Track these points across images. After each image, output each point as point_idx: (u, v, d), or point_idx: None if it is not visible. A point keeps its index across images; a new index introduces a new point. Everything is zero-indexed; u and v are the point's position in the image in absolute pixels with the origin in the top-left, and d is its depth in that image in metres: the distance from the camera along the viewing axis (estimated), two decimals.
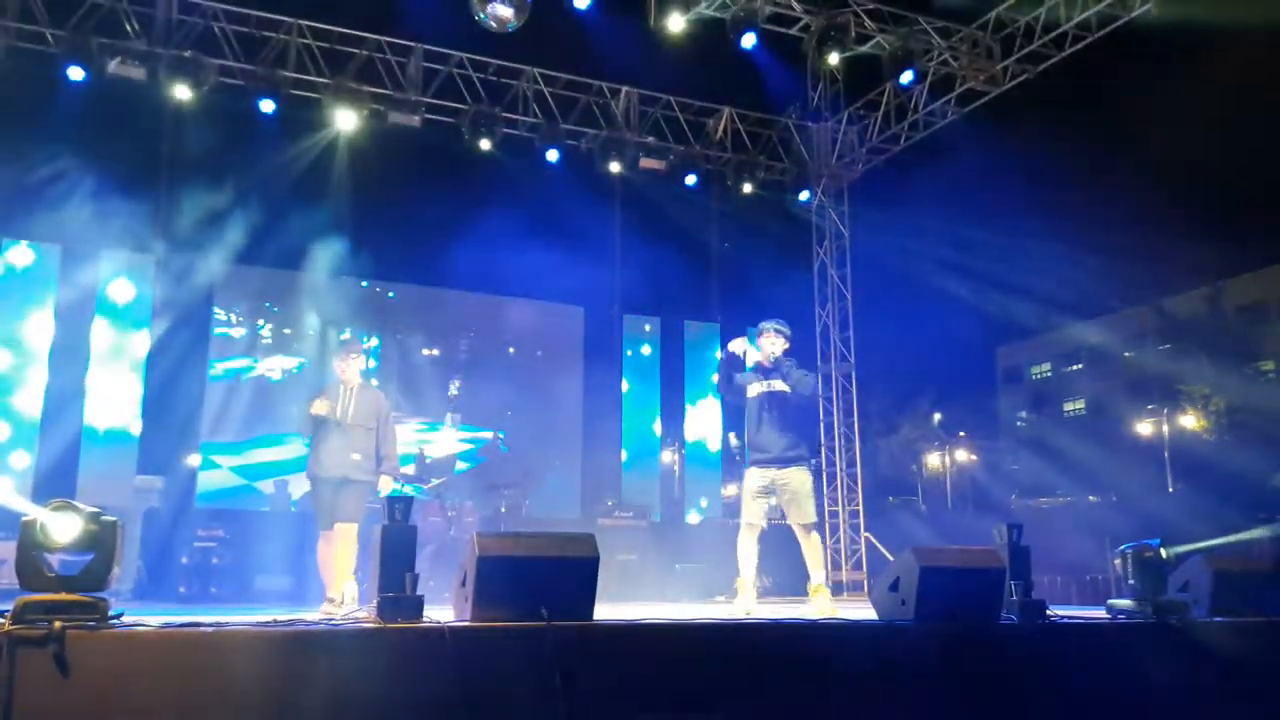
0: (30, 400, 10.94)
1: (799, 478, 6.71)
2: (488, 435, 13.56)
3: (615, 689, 4.06)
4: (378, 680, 3.77)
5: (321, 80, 11.20)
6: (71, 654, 3.41)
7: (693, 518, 14.23)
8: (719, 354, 7.06)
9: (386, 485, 6.88)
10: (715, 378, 7.11)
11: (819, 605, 6.58)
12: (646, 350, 14.57)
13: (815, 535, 6.90)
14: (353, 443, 6.77)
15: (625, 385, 14.26)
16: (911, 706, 4.52)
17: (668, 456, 17.45)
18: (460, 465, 13.07)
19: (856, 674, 4.51)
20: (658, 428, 14.52)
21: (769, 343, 6.80)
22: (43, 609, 3.50)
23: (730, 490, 17.37)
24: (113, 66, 10.33)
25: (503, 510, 10.68)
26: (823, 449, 13.99)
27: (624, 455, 13.97)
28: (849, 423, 13.88)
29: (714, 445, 14.69)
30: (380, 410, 6.96)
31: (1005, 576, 5.17)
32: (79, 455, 11.00)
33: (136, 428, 11.34)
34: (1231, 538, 6.03)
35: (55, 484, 10.18)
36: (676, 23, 10.97)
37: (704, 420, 14.59)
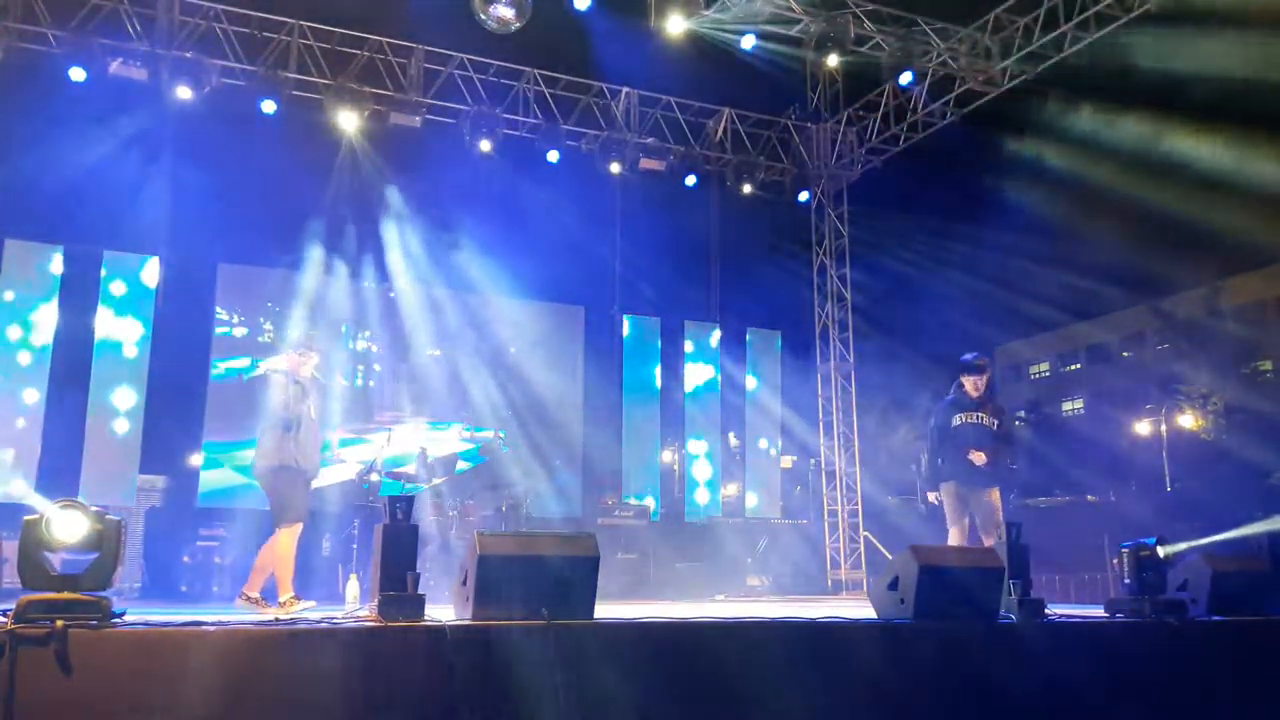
0: (32, 400, 10.95)
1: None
2: (489, 434, 13.57)
3: (615, 688, 4.08)
4: (379, 679, 3.79)
5: (323, 81, 11.22)
6: (73, 653, 3.43)
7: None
8: None
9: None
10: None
11: None
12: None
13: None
14: (317, 439, 6.87)
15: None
16: (910, 705, 4.54)
17: (668, 456, 17.45)
18: (462, 465, 13.10)
19: (856, 672, 4.53)
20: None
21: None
22: (45, 608, 3.52)
23: (730, 490, 17.38)
24: (114, 67, 10.35)
25: (503, 510, 10.70)
26: (822, 449, 14.02)
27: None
28: (848, 422, 13.90)
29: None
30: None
31: (1004, 575, 5.19)
32: (81, 454, 11.02)
33: (139, 427, 11.35)
34: (1227, 534, 6.07)
35: (57, 483, 10.19)
36: (676, 25, 11.00)
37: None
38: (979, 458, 7.45)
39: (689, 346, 14.87)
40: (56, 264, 11.35)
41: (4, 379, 10.93)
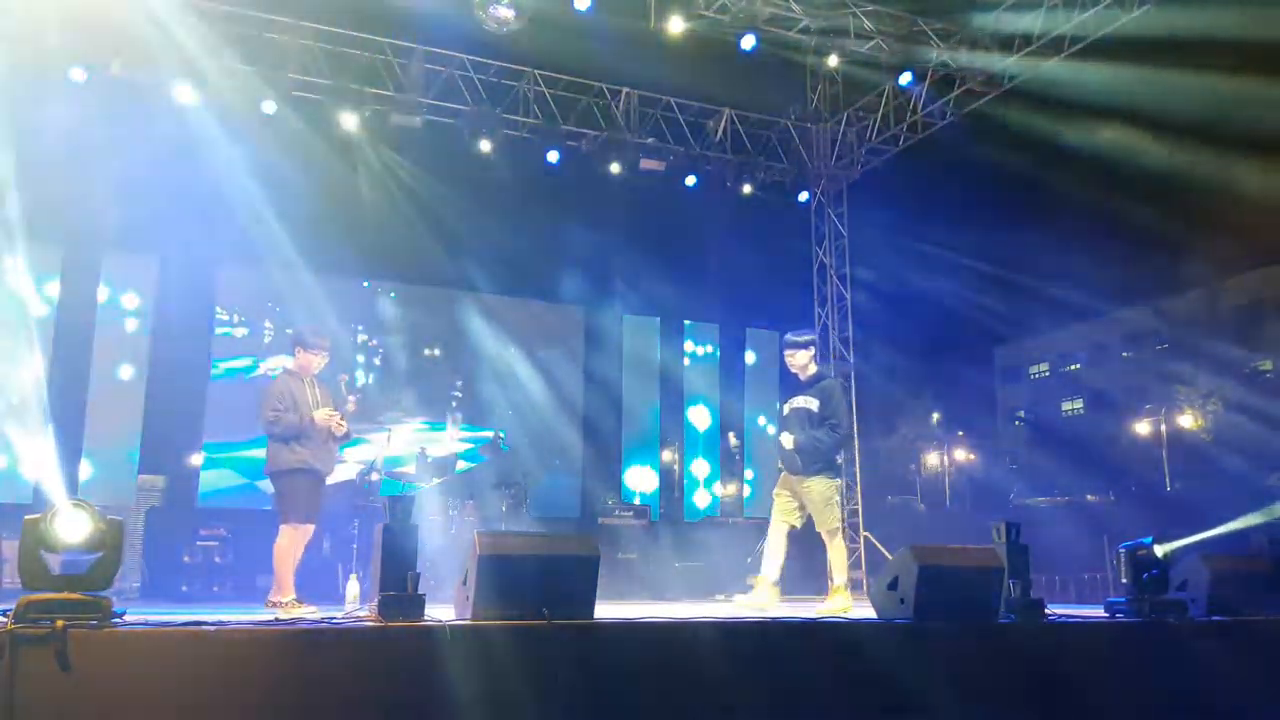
0: (32, 401, 10.94)
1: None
2: (489, 434, 13.58)
3: (615, 688, 4.08)
4: (379, 679, 3.79)
5: (323, 81, 11.22)
6: (74, 653, 3.43)
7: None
8: None
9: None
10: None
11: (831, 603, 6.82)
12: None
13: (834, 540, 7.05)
14: (329, 437, 6.71)
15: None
16: (910, 705, 4.54)
17: (668, 455, 17.44)
18: (461, 465, 13.10)
19: (856, 672, 4.53)
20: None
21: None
22: (45, 608, 3.52)
23: (730, 489, 17.40)
24: (115, 67, 10.34)
25: (503, 510, 10.70)
26: None
27: None
28: (848, 422, 13.88)
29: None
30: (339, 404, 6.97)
31: (1004, 575, 5.19)
32: (81, 455, 11.01)
33: (139, 427, 11.35)
34: (1221, 529, 6.08)
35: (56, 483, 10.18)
36: (676, 25, 11.00)
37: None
38: (786, 439, 6.98)
39: (689, 346, 14.87)
40: (57, 263, 11.35)
41: (4, 380, 10.92)
